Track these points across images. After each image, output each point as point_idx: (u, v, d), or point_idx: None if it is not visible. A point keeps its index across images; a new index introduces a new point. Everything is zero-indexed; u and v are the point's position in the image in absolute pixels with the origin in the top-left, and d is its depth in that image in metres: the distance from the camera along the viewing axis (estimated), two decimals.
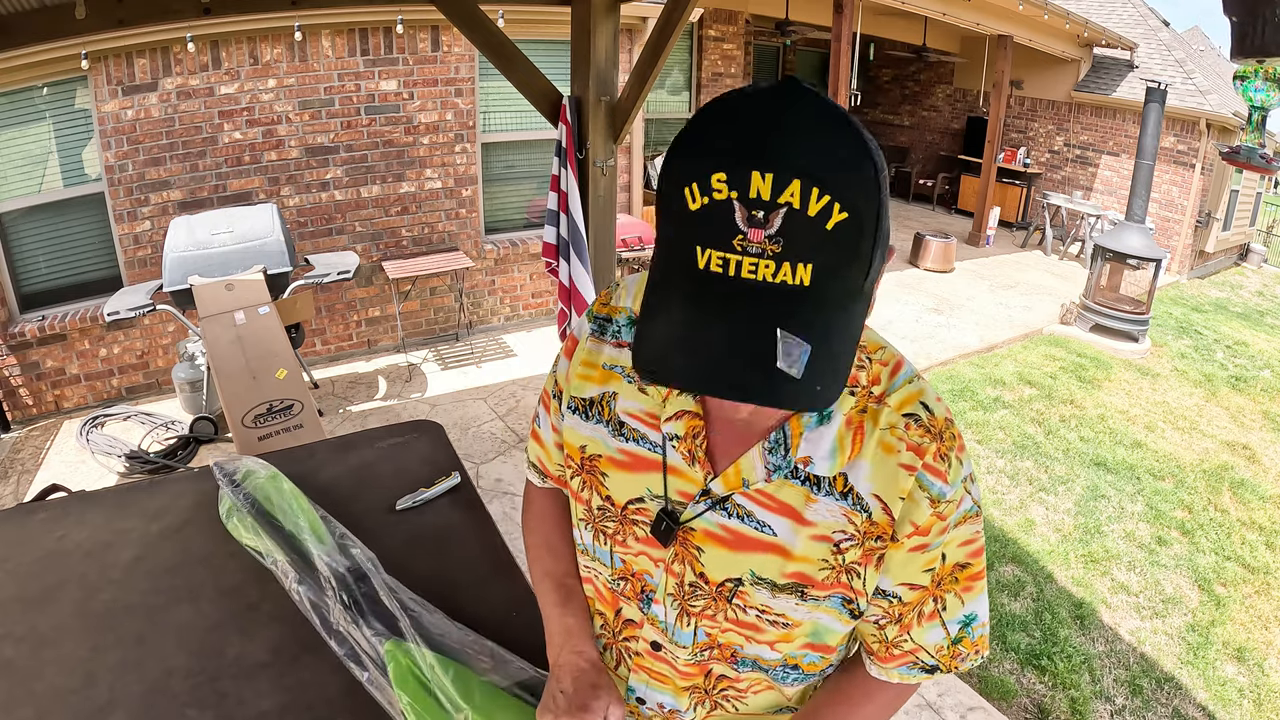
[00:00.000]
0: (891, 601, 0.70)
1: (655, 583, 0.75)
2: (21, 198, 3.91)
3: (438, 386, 4.48)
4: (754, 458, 0.67)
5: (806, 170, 0.45)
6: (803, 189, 0.45)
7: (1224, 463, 4.38)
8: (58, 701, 0.91)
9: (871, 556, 0.67)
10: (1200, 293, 8.43)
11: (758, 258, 0.47)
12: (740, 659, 0.75)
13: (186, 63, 4.02)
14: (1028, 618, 2.94)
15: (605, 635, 0.85)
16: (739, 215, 0.46)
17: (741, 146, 0.46)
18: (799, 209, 0.45)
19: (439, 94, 4.79)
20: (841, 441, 0.65)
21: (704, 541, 0.70)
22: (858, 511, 0.66)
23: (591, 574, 0.83)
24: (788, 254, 0.46)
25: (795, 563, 0.68)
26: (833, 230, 0.46)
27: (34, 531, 1.25)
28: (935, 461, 0.65)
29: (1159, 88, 6.06)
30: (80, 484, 1.73)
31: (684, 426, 0.69)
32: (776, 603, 0.69)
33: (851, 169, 0.47)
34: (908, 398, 0.66)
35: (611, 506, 0.76)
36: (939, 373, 5.29)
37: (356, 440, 1.60)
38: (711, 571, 0.71)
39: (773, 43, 9.15)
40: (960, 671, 0.75)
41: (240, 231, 3.51)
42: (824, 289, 0.48)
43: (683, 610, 0.74)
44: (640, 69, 2.82)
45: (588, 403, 0.77)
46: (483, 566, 1.22)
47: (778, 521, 0.68)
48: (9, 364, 3.90)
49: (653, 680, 0.82)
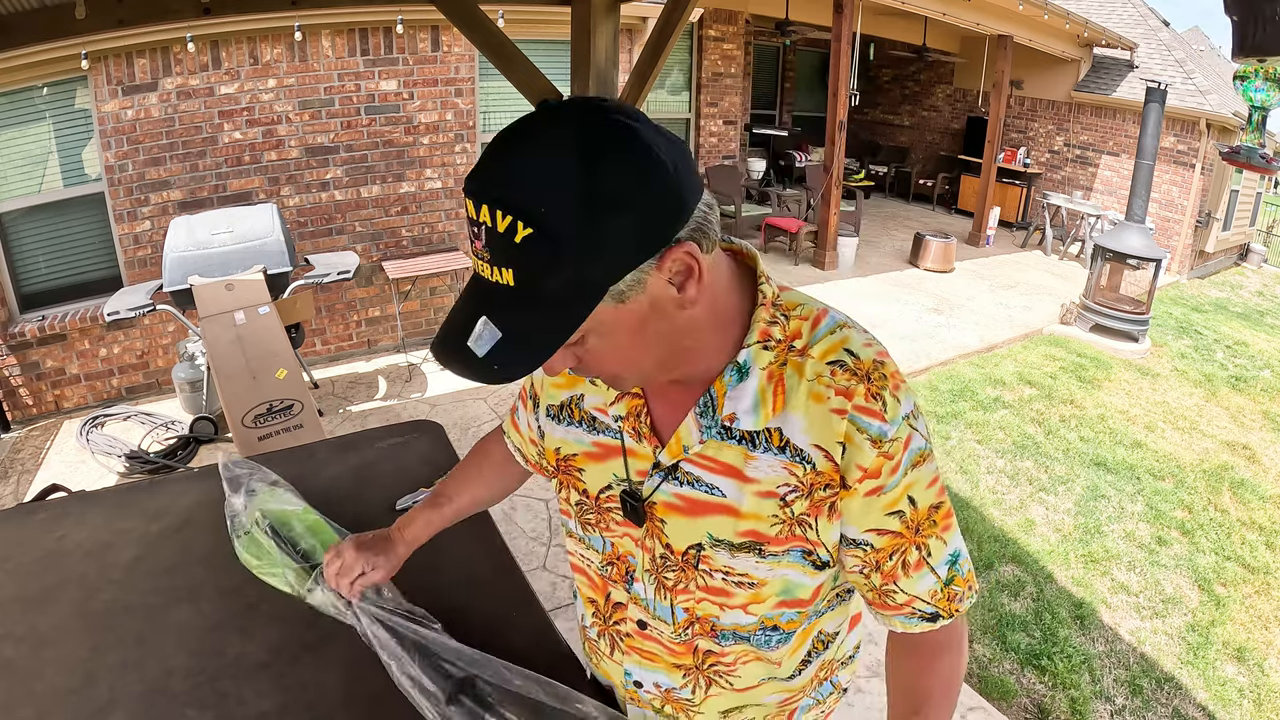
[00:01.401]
0: (865, 550, 0.72)
1: (635, 562, 0.80)
2: (21, 198, 3.91)
3: (438, 386, 4.48)
4: (689, 424, 0.72)
5: (493, 197, 0.54)
6: (490, 212, 0.54)
7: (1224, 463, 4.38)
8: (58, 701, 0.91)
9: (821, 507, 0.69)
10: (1200, 293, 8.43)
11: (482, 261, 0.57)
12: (720, 631, 0.78)
13: (186, 63, 4.02)
14: (1028, 618, 2.94)
15: (598, 622, 0.88)
16: (470, 228, 0.57)
17: (472, 175, 0.57)
18: (492, 226, 0.54)
19: (439, 94, 4.79)
20: (763, 395, 0.69)
21: (665, 513, 0.75)
22: (798, 463, 0.69)
23: (584, 564, 0.87)
24: (494, 260, 0.56)
25: (746, 520, 0.71)
26: (521, 243, 0.54)
27: (34, 531, 1.25)
28: (867, 402, 0.67)
29: (1159, 88, 6.06)
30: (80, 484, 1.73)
31: (626, 406, 0.76)
32: (737, 562, 0.73)
33: (541, 191, 0.54)
34: (831, 346, 0.69)
35: (587, 499, 0.82)
36: (939, 373, 5.29)
37: (356, 440, 1.60)
38: (675, 540, 0.75)
39: (773, 43, 9.15)
40: (959, 613, 0.76)
41: (240, 231, 3.51)
42: (529, 288, 0.56)
43: (659, 584, 0.78)
44: (640, 69, 2.82)
45: (560, 407, 0.84)
46: (483, 566, 1.22)
47: (723, 482, 0.71)
48: (9, 364, 3.90)
49: (644, 660, 0.84)
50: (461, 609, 1.08)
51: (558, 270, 0.55)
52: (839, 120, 6.96)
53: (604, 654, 0.90)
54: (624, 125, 0.56)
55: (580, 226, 0.54)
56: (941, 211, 10.44)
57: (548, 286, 0.56)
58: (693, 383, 0.71)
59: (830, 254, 7.34)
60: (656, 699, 0.86)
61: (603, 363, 0.65)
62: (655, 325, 0.63)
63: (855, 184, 9.26)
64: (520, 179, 0.54)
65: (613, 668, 0.90)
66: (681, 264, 0.60)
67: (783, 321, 0.71)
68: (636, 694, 0.88)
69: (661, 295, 0.61)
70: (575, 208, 0.54)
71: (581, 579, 0.90)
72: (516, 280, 0.56)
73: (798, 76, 10.25)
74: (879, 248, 8.31)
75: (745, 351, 0.69)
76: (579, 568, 0.89)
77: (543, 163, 0.55)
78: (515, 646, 1.01)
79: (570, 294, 0.57)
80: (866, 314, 6.22)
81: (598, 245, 0.55)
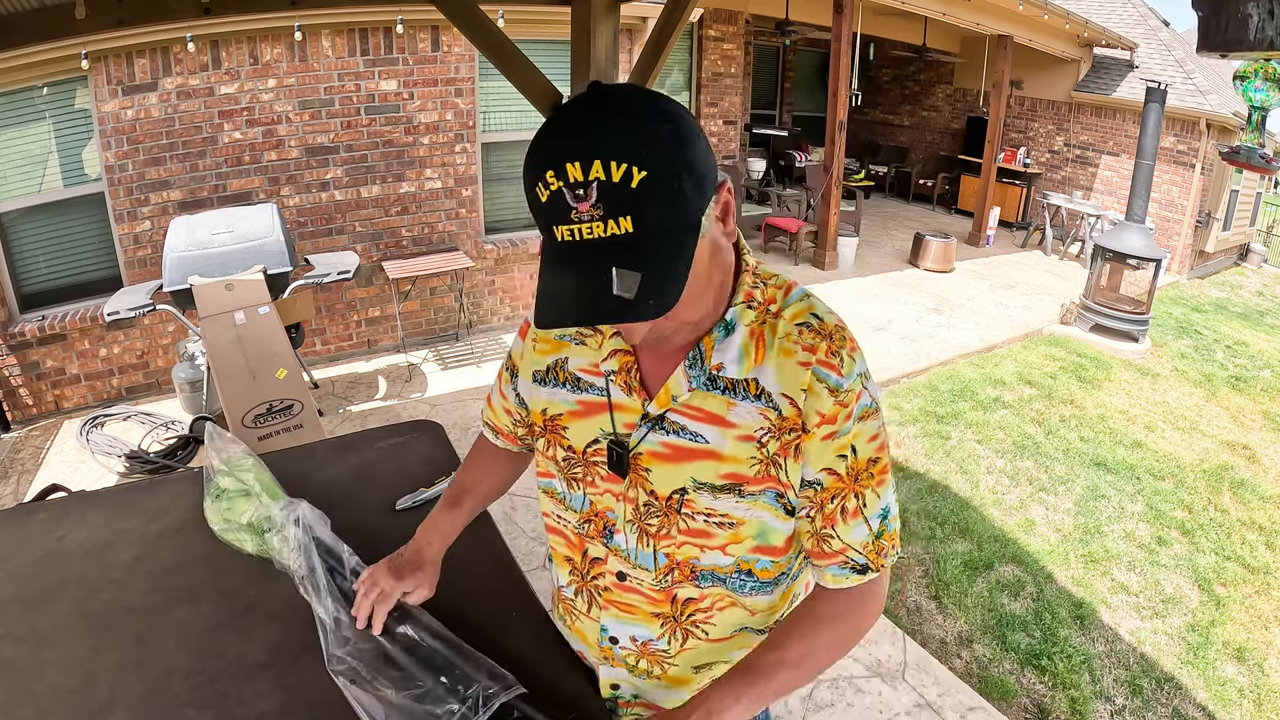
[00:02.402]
0: (816, 489, 0.80)
1: (615, 515, 0.85)
2: (21, 198, 3.91)
3: (438, 386, 4.48)
4: (678, 375, 0.80)
5: (602, 151, 0.61)
6: (603, 165, 0.60)
7: (1224, 463, 4.38)
8: (58, 701, 0.91)
9: (789, 449, 0.78)
10: (1200, 293, 8.43)
11: (590, 222, 0.62)
12: (700, 573, 0.84)
13: (186, 63, 4.02)
14: (1028, 618, 2.94)
15: (575, 580, 0.93)
16: (568, 196, 0.62)
17: (559, 148, 0.62)
18: (605, 179, 0.60)
19: (439, 94, 4.79)
20: (746, 348, 0.79)
21: (650, 462, 0.82)
22: (770, 409, 0.78)
23: (560, 524, 0.92)
24: (609, 213, 0.61)
25: (727, 463, 0.79)
26: (637, 187, 0.61)
27: (34, 531, 1.25)
28: (827, 357, 0.77)
29: (1159, 88, 6.05)
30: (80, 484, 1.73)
31: (618, 362, 0.83)
32: (719, 503, 0.80)
33: (639, 138, 0.62)
34: (799, 311, 0.80)
35: (574, 454, 0.87)
36: (939, 373, 5.29)
37: (356, 440, 1.60)
38: (659, 487, 0.82)
39: (773, 43, 9.15)
40: (885, 567, 0.83)
41: (240, 231, 3.51)
42: (647, 229, 0.63)
43: (641, 532, 0.84)
44: (640, 69, 2.82)
45: (545, 370, 0.90)
46: (483, 566, 1.22)
47: (707, 430, 0.80)
48: (9, 364, 3.90)
49: (622, 613, 0.89)
50: (461, 609, 1.08)
51: (672, 207, 0.64)
52: (839, 120, 6.96)
53: (580, 612, 0.94)
54: (665, 95, 0.68)
55: (679, 167, 0.63)
56: (941, 211, 10.44)
57: (665, 224, 0.64)
58: (682, 338, 0.80)
59: (830, 254, 7.34)
60: (632, 654, 0.90)
61: (684, 310, 0.72)
62: (716, 260, 0.74)
63: (855, 184, 9.26)
64: (625, 134, 0.62)
65: (588, 625, 0.93)
66: (725, 200, 0.72)
67: (762, 287, 0.81)
68: (611, 651, 0.92)
69: (714, 229, 0.72)
70: (673, 152, 0.63)
71: (557, 539, 0.94)
72: (636, 224, 0.62)
73: (798, 76, 10.25)
74: (879, 248, 8.31)
75: (733, 310, 0.79)
76: (555, 529, 0.94)
77: (635, 121, 0.63)
78: (515, 646, 1.01)
79: (683, 226, 0.66)
80: (867, 314, 6.22)
81: (694, 182, 0.65)
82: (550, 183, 0.62)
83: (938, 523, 3.51)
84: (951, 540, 3.41)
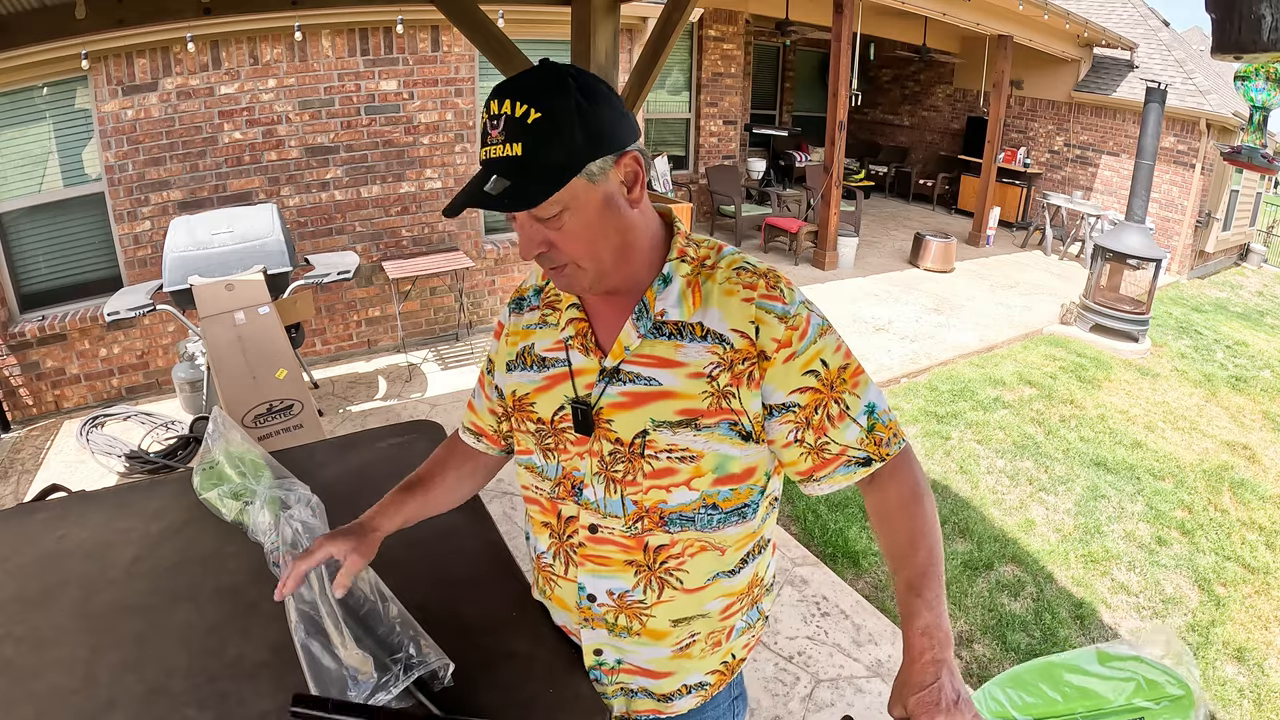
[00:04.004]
0: (794, 411, 0.88)
1: (582, 473, 0.92)
2: (21, 198, 3.91)
3: (438, 386, 4.48)
4: (628, 328, 0.90)
5: (513, 94, 0.77)
6: (511, 104, 0.77)
7: (1224, 463, 4.38)
8: (58, 701, 0.91)
9: (741, 378, 0.86)
10: (1200, 293, 8.43)
11: (495, 145, 0.78)
12: (668, 516, 0.89)
13: (186, 63, 4.02)
14: (1028, 618, 2.94)
15: (554, 542, 0.98)
16: (489, 126, 0.79)
17: (494, 92, 0.79)
18: (510, 114, 0.77)
19: (439, 94, 4.79)
20: (684, 294, 0.89)
21: (611, 413, 0.89)
22: (719, 345, 0.87)
23: (537, 493, 0.99)
24: (507, 139, 0.77)
25: (681, 400, 0.87)
26: (530, 124, 0.76)
27: (34, 531, 1.25)
28: (768, 291, 0.87)
29: (1159, 88, 6.05)
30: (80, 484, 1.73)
31: (574, 328, 0.93)
32: (679, 438, 0.87)
33: (544, 90, 0.77)
34: (732, 260, 0.92)
35: (544, 425, 0.95)
36: (939, 373, 5.29)
37: (356, 440, 1.60)
38: (622, 433, 0.89)
39: (773, 43, 9.15)
40: (890, 456, 0.90)
41: (240, 231, 3.51)
42: (528, 155, 0.77)
43: (609, 481, 0.90)
44: (640, 69, 2.82)
45: (516, 357, 1.00)
46: (483, 566, 1.22)
47: (659, 373, 0.88)
48: (9, 364, 3.90)
49: (597, 567, 0.94)
50: (461, 608, 1.08)
51: (554, 143, 0.77)
52: (839, 120, 6.96)
53: (558, 576, 0.98)
54: (595, 75, 0.83)
55: (570, 119, 0.77)
56: (941, 211, 10.44)
57: (544, 155, 0.77)
58: (627, 298, 0.91)
59: (830, 254, 7.34)
60: (610, 610, 0.94)
61: (572, 244, 0.83)
62: (612, 215, 0.84)
63: (855, 184, 9.26)
64: (535, 84, 0.78)
65: (567, 589, 0.98)
66: (631, 168, 0.84)
67: (694, 247, 0.93)
68: (590, 611, 0.95)
69: (616, 191, 0.83)
70: (569, 106, 0.77)
71: (535, 508, 1.00)
72: (524, 150, 0.77)
73: (798, 76, 10.25)
74: (879, 248, 8.31)
75: (668, 265, 0.90)
76: (533, 499, 1.00)
77: (548, 78, 0.79)
78: (515, 647, 1.01)
79: (560, 161, 0.78)
80: (867, 314, 6.22)
81: (584, 130, 0.78)
82: (483, 117, 0.80)
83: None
84: (951, 540, 3.41)
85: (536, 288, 1.03)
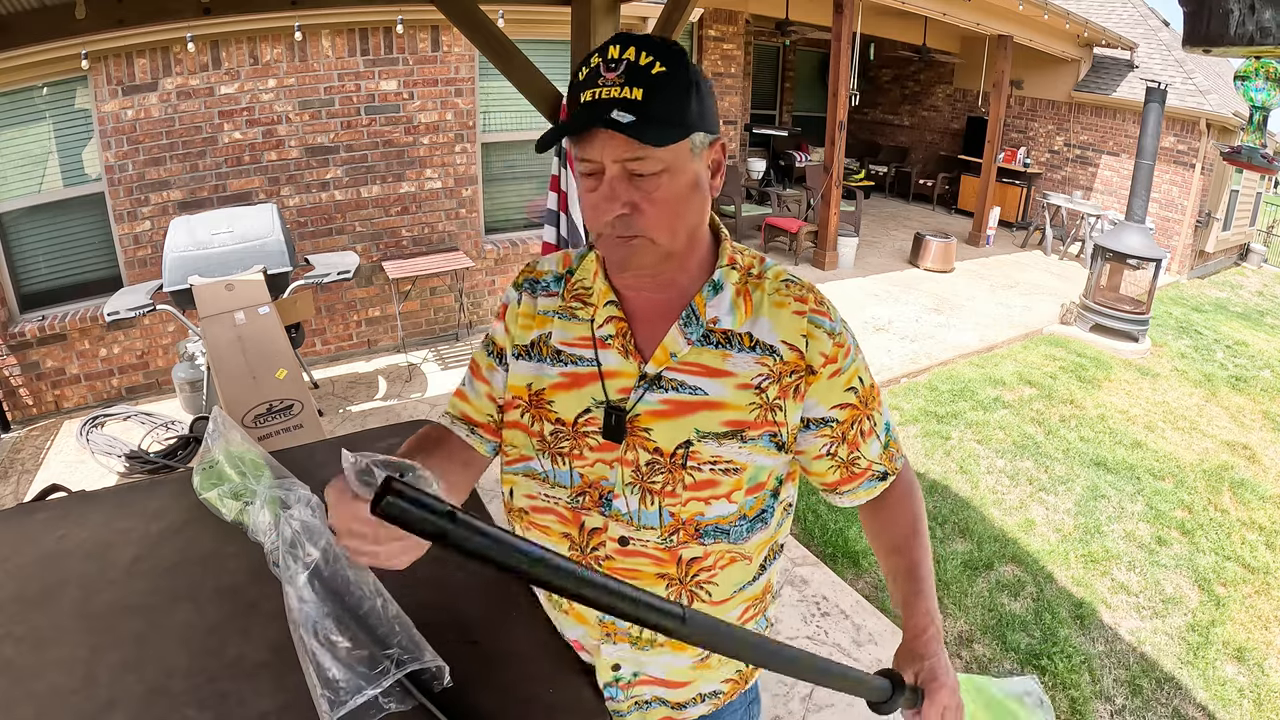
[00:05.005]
0: (832, 426, 0.89)
1: (612, 482, 0.87)
2: (21, 198, 3.91)
3: (438, 386, 4.48)
4: (674, 334, 0.86)
5: (638, 44, 0.77)
6: (636, 50, 0.77)
7: (1224, 463, 4.38)
8: (58, 701, 0.91)
9: (788, 390, 0.86)
10: (1200, 293, 8.43)
11: (611, 87, 0.76)
12: (703, 529, 0.87)
13: (186, 63, 4.02)
14: (1028, 618, 2.94)
15: (574, 554, 0.91)
16: (602, 69, 0.77)
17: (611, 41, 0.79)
18: (634, 61, 0.76)
19: (439, 94, 4.79)
20: (736, 302, 0.88)
21: (650, 421, 0.85)
22: (769, 356, 0.86)
23: (550, 503, 0.92)
24: (627, 82, 0.76)
25: (729, 411, 0.85)
26: (655, 74, 0.76)
27: (34, 531, 1.25)
28: (816, 306, 0.88)
29: (1159, 88, 6.05)
30: (80, 484, 1.73)
31: (613, 328, 0.88)
32: (724, 450, 0.85)
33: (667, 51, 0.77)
34: (778, 273, 0.91)
35: (563, 427, 0.89)
36: (939, 373, 5.29)
37: (356, 440, 1.60)
38: (663, 443, 0.85)
39: (773, 42, 9.15)
40: (899, 471, 0.97)
41: (240, 231, 3.51)
42: (651, 104, 0.75)
43: (644, 492, 0.86)
44: None
45: (529, 346, 0.93)
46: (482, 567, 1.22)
47: (706, 382, 0.85)
48: (9, 364, 3.90)
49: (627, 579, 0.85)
50: (461, 608, 1.08)
51: (672, 103, 0.77)
52: (839, 120, 6.96)
53: None
54: None
55: (689, 85, 0.78)
56: (941, 211, 10.44)
57: (664, 109, 0.76)
58: (669, 301, 0.88)
59: (830, 254, 7.34)
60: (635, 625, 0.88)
61: (657, 212, 0.80)
62: (697, 195, 0.83)
63: (855, 184, 9.26)
64: (659, 45, 0.78)
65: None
66: (718, 155, 0.85)
67: (741, 255, 0.92)
68: (614, 626, 0.92)
69: (703, 174, 0.84)
70: (688, 73, 0.78)
71: (550, 518, 0.92)
72: (645, 96, 0.75)
73: (798, 76, 10.25)
74: (879, 248, 8.31)
75: (719, 271, 0.88)
76: (545, 509, 0.92)
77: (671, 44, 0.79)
78: (515, 647, 1.01)
79: (679, 118, 0.78)
80: (867, 314, 6.22)
81: (698, 100, 0.79)
82: (591, 62, 0.78)
83: (938, 523, 3.51)
84: (951, 540, 3.41)
85: (556, 275, 0.96)
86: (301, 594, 0.99)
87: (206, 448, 1.35)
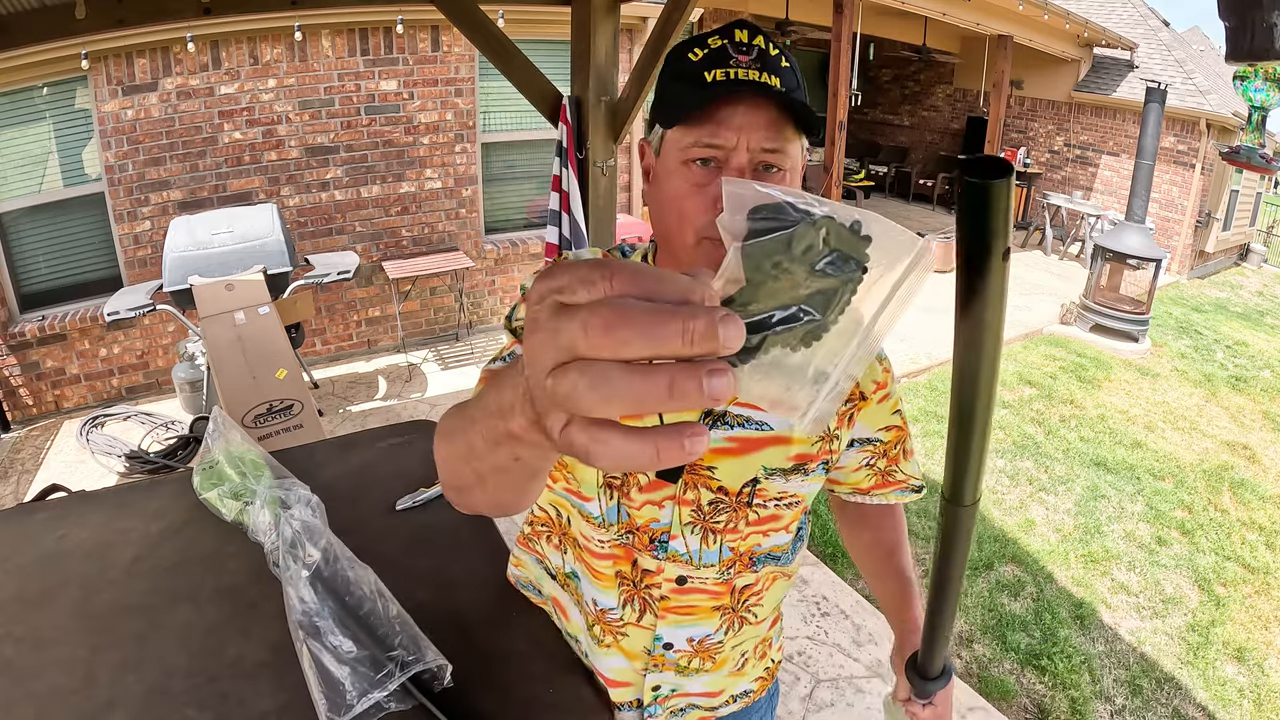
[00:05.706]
0: (875, 445, 0.91)
1: (666, 523, 0.82)
2: (21, 198, 3.91)
3: (438, 386, 4.48)
4: None
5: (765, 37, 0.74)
6: (765, 40, 0.73)
7: (1224, 463, 4.38)
8: (58, 701, 0.91)
9: (843, 419, 0.87)
10: (1200, 293, 8.43)
11: (747, 69, 0.71)
12: (757, 557, 0.87)
13: (186, 63, 4.02)
14: (1028, 618, 2.94)
15: (626, 590, 0.86)
16: (730, 50, 0.72)
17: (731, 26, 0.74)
18: (765, 49, 0.73)
19: (439, 94, 4.79)
20: None
21: (714, 459, 0.80)
22: None
23: (601, 547, 0.85)
24: (763, 69, 0.71)
25: (795, 445, 0.82)
26: (786, 65, 0.73)
27: (34, 531, 1.25)
28: None
29: (1159, 88, 6.05)
30: (80, 484, 1.73)
31: None
32: (790, 485, 0.84)
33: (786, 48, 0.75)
34: None
35: None
36: (939, 373, 5.29)
37: (356, 440, 1.60)
38: (729, 482, 0.81)
39: None
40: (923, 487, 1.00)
41: (240, 231, 3.51)
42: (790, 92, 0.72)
43: (705, 532, 0.83)
44: (640, 69, 2.81)
45: None
46: (483, 567, 1.22)
47: (770, 416, 0.81)
48: (9, 364, 3.90)
49: (682, 617, 0.88)
50: (462, 609, 1.08)
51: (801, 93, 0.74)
52: (839, 120, 6.96)
53: (629, 624, 0.88)
54: None
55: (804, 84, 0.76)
56: (941, 211, 10.43)
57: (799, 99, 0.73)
58: None
59: None
60: (684, 656, 0.90)
61: None
62: None
63: (855, 184, 9.26)
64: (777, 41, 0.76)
65: (639, 638, 0.88)
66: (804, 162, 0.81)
67: None
68: (663, 658, 0.90)
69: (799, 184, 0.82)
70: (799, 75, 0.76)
71: (603, 562, 0.87)
72: (782, 84, 0.72)
73: None
74: None
75: None
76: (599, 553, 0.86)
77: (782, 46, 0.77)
78: (515, 647, 1.01)
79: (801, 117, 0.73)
80: None
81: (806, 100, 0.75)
82: (711, 43, 0.73)
83: (937, 523, 3.51)
84: None
85: None
86: (302, 594, 0.99)
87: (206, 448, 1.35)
